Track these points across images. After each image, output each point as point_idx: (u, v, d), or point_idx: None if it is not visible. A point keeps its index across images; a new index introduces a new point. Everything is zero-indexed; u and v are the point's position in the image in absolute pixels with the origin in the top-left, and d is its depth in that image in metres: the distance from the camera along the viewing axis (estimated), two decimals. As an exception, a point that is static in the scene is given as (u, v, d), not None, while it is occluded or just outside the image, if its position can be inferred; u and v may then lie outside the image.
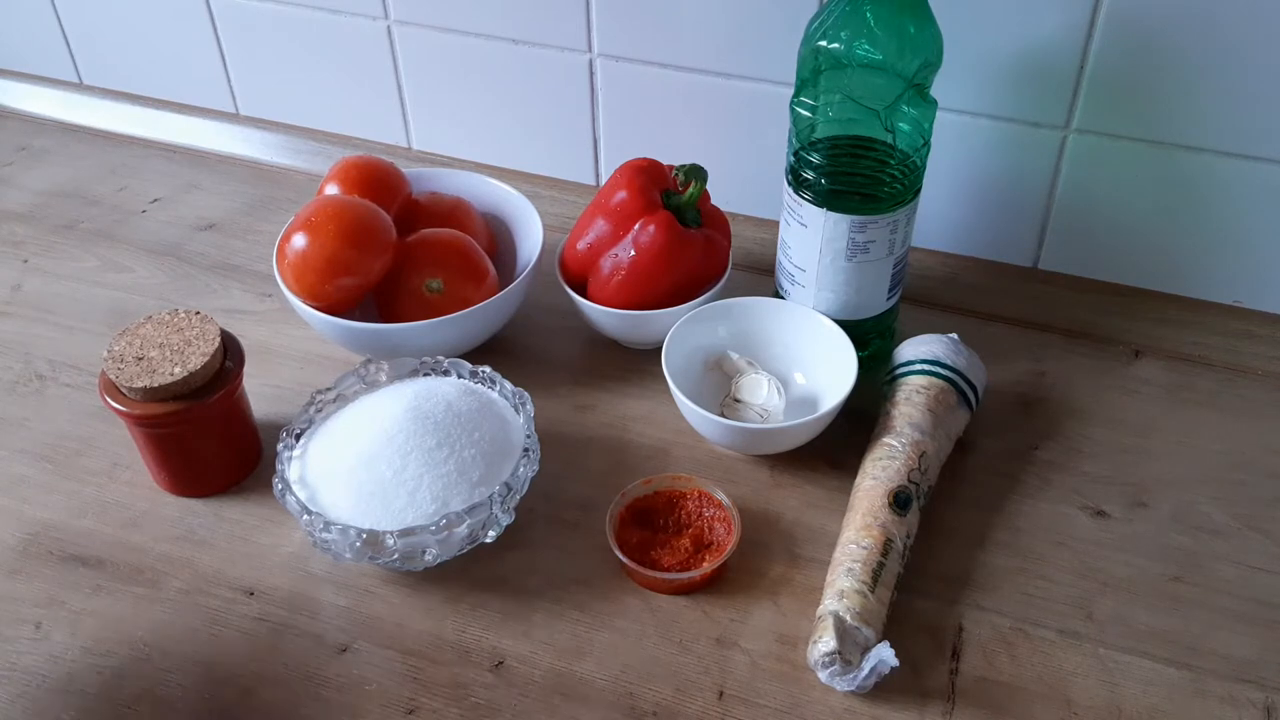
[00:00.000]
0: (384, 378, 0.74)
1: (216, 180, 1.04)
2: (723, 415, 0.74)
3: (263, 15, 0.99)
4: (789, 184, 0.74)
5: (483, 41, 0.93)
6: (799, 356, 0.78)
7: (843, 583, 0.63)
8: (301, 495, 0.67)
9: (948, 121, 0.80)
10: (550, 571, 0.68)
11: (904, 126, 0.70)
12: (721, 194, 0.84)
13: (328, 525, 0.64)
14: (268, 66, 1.03)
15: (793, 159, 0.74)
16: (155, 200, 1.02)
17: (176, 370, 0.68)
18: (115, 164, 1.06)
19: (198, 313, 0.72)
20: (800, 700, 0.61)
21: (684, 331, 0.77)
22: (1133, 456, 0.75)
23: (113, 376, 0.68)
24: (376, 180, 0.84)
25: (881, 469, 0.68)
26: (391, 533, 0.63)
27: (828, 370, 0.76)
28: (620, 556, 0.66)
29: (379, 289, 0.79)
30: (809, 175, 0.72)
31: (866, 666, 0.59)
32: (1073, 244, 0.86)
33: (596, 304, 0.79)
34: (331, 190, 0.83)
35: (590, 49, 0.90)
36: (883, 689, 0.61)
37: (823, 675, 0.61)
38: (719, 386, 0.77)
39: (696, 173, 0.79)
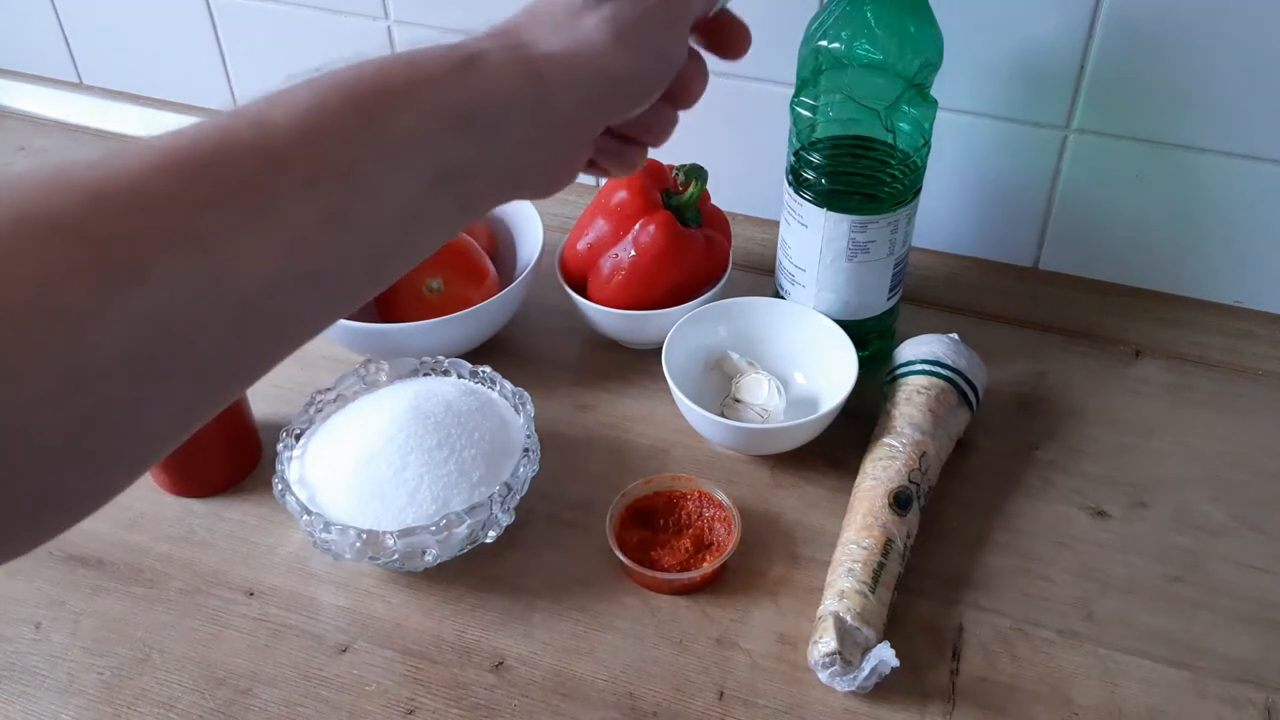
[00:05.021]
0: (384, 378, 0.74)
1: (216, 180, 1.04)
2: (723, 415, 0.74)
3: (263, 15, 0.99)
4: (789, 184, 0.74)
5: (483, 41, 0.93)
6: (799, 356, 0.78)
7: (843, 583, 0.62)
8: (301, 495, 0.66)
9: (948, 121, 0.80)
10: (550, 571, 0.68)
11: (904, 126, 0.70)
12: (721, 194, 0.84)
13: (328, 525, 0.64)
14: (268, 66, 1.03)
15: (793, 159, 0.74)
16: (155, 200, 1.01)
17: (176, 370, 0.68)
18: (115, 164, 1.06)
19: (198, 313, 0.72)
20: (800, 700, 0.61)
21: (684, 331, 0.77)
22: (1133, 456, 0.75)
23: (113, 376, 0.68)
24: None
25: (882, 469, 0.68)
26: (391, 533, 0.63)
27: (828, 370, 0.76)
28: (620, 556, 0.66)
29: (379, 289, 0.79)
30: (809, 175, 0.72)
31: (867, 667, 0.59)
32: (1073, 244, 0.86)
33: (596, 304, 0.79)
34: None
35: (590, 49, 0.90)
36: (883, 689, 0.61)
37: (823, 675, 0.61)
38: (719, 386, 0.77)
39: (696, 173, 0.79)
